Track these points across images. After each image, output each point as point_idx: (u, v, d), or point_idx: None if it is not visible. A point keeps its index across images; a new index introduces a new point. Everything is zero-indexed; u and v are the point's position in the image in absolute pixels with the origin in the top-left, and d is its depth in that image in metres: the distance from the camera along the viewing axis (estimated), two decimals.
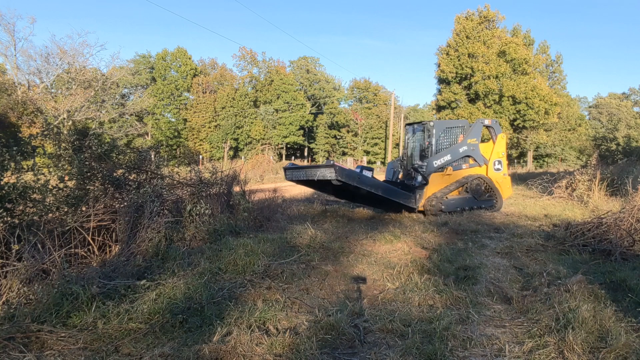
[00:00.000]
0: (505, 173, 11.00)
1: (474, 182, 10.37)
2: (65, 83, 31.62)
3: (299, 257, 5.95)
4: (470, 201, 10.24)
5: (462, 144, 10.33)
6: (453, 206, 9.94)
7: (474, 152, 10.47)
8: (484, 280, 5.03)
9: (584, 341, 3.33)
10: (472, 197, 10.26)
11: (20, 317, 3.58)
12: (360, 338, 3.58)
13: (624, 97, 61.75)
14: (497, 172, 10.82)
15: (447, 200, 9.91)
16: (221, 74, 52.03)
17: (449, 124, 10.94)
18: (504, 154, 11.04)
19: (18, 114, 27.23)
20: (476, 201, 10.31)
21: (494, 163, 10.77)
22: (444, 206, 9.77)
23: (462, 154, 10.32)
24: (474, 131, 10.56)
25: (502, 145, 10.99)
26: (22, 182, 5.24)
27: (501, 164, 10.88)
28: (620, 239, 6.19)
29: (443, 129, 10.53)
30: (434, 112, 41.88)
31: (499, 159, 10.88)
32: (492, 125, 11.04)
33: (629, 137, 47.97)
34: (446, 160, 10.10)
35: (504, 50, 35.69)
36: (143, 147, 18.88)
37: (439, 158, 10.04)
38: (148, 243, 5.51)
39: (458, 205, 10.02)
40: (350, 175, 8.41)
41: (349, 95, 61.03)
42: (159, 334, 3.57)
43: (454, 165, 10.23)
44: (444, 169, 10.06)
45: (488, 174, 10.65)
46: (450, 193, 10.05)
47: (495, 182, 10.64)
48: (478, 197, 10.36)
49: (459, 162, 10.36)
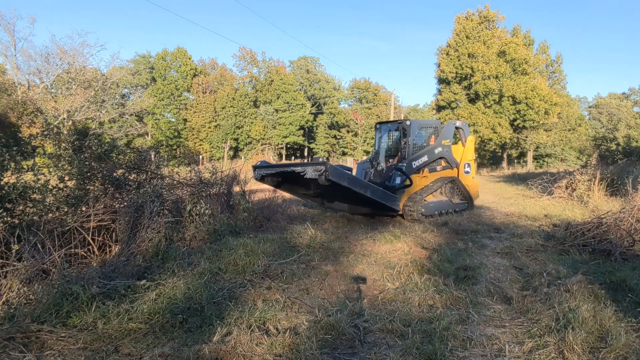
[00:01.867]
0: (474, 176, 10.77)
1: (449, 185, 10.14)
2: (65, 83, 31.63)
3: (299, 257, 5.95)
4: (446, 204, 9.94)
5: (437, 145, 9.98)
6: (432, 209, 9.54)
7: (447, 154, 10.17)
8: (484, 280, 5.03)
9: (584, 341, 3.33)
10: (448, 200, 10.00)
11: (20, 317, 3.58)
12: (360, 338, 3.58)
13: (624, 97, 61.78)
14: (467, 175, 10.58)
15: (427, 204, 9.50)
16: (221, 74, 52.05)
17: (423, 124, 10.46)
18: (474, 156, 10.82)
19: (18, 114, 27.23)
20: (451, 204, 10.03)
21: (464, 166, 10.51)
22: (424, 209, 9.33)
23: (437, 156, 9.97)
24: (446, 132, 10.22)
25: (471, 147, 10.76)
26: (22, 182, 5.24)
27: (470, 167, 10.67)
28: (620, 239, 6.19)
29: (419, 128, 10.11)
30: (434, 112, 41.92)
31: (469, 162, 10.64)
32: (462, 127, 10.75)
33: (629, 137, 47.91)
34: (424, 161, 9.73)
35: (504, 50, 35.72)
36: (143, 147, 18.89)
37: (417, 159, 9.64)
38: (148, 243, 5.51)
39: (437, 209, 9.64)
40: (341, 175, 7.71)
41: (349, 95, 61.07)
42: (159, 334, 3.57)
43: (429, 166, 9.89)
44: (421, 170, 9.71)
45: (459, 177, 10.42)
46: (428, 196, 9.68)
47: (466, 185, 10.45)
48: (453, 200, 10.12)
49: (433, 164, 10.02)
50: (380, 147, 10.69)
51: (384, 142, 10.65)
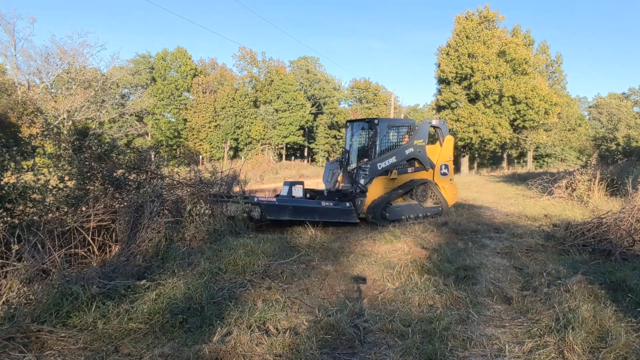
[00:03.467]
0: (452, 178, 10.25)
1: (420, 188, 9.52)
2: (65, 83, 31.62)
3: (299, 257, 5.96)
4: (416, 208, 9.35)
5: (408, 145, 9.41)
6: (398, 214, 9.01)
7: (421, 155, 9.60)
8: (484, 280, 5.03)
9: (584, 341, 3.33)
10: (418, 204, 9.43)
11: (20, 317, 3.58)
12: (360, 338, 3.58)
13: (624, 97, 61.76)
14: (444, 176, 10.03)
15: (392, 208, 9.00)
16: (221, 74, 52.02)
17: (395, 123, 9.91)
18: (451, 157, 10.23)
19: (18, 114, 27.23)
20: (422, 208, 9.44)
21: (440, 167, 9.94)
22: (388, 214, 8.84)
23: (407, 156, 9.45)
24: (421, 132, 9.66)
25: (449, 148, 10.20)
26: (22, 182, 5.24)
27: (448, 168, 10.11)
28: (620, 239, 6.19)
29: (388, 127, 9.53)
30: (434, 112, 41.90)
31: (446, 163, 10.07)
32: (440, 126, 10.19)
33: (629, 137, 47.96)
34: (391, 162, 9.15)
35: (504, 50, 35.72)
36: (143, 147, 18.90)
37: (384, 160, 9.07)
38: (148, 243, 5.51)
39: (403, 213, 9.10)
40: (280, 210, 7.56)
41: (349, 96, 61.06)
42: (159, 334, 3.57)
43: (399, 168, 9.33)
44: (388, 172, 9.13)
45: (434, 179, 9.86)
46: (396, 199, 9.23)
47: (442, 188, 9.90)
48: (424, 203, 9.54)
49: (404, 165, 9.48)
50: (352, 146, 10.07)
51: (356, 141, 10.06)
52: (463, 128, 36.36)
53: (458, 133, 36.73)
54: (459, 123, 36.53)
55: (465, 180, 24.88)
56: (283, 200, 8.22)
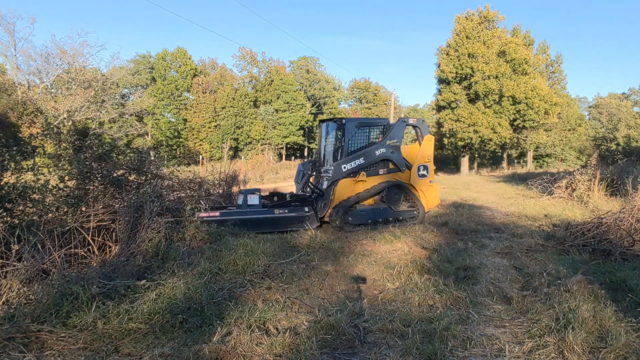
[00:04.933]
0: (432, 180, 9.59)
1: (392, 190, 9.06)
2: (65, 83, 31.61)
3: (299, 257, 5.96)
4: (384, 212, 8.90)
5: (380, 146, 8.92)
6: (363, 218, 8.61)
7: (394, 156, 9.04)
8: (484, 280, 5.03)
9: (584, 341, 3.33)
10: (387, 207, 8.97)
11: (20, 317, 3.58)
12: (360, 338, 3.58)
13: (624, 97, 61.76)
14: (422, 178, 9.40)
15: (356, 211, 8.59)
16: (221, 74, 52.02)
17: (366, 122, 9.45)
18: (431, 157, 9.58)
19: (18, 114, 27.22)
20: (392, 212, 8.97)
21: (418, 168, 9.33)
22: (350, 217, 8.45)
23: (378, 157, 8.92)
24: (395, 131, 9.11)
25: (428, 148, 9.57)
26: (22, 182, 5.24)
27: (427, 170, 9.46)
28: (620, 239, 6.19)
29: (358, 127, 9.04)
30: (434, 112, 41.92)
31: (425, 164, 9.44)
32: (418, 125, 9.57)
33: (629, 137, 47.93)
34: (358, 164, 8.66)
35: (504, 50, 35.73)
36: (143, 147, 18.87)
37: (350, 161, 8.60)
38: (148, 243, 5.51)
39: (369, 217, 8.68)
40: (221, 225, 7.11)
41: (349, 96, 61.09)
42: (159, 334, 3.57)
43: (368, 170, 8.83)
44: (356, 173, 8.64)
45: (410, 181, 9.27)
46: (363, 202, 8.82)
47: (419, 191, 9.34)
48: (395, 207, 9.07)
49: (375, 166, 8.97)
50: (325, 146, 9.60)
51: (329, 141, 9.54)
52: (463, 128, 36.36)
53: (458, 133, 36.75)
54: (459, 123, 36.54)
55: (465, 180, 24.88)
56: (227, 213, 7.76)
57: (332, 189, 8.47)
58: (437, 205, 9.98)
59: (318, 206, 8.45)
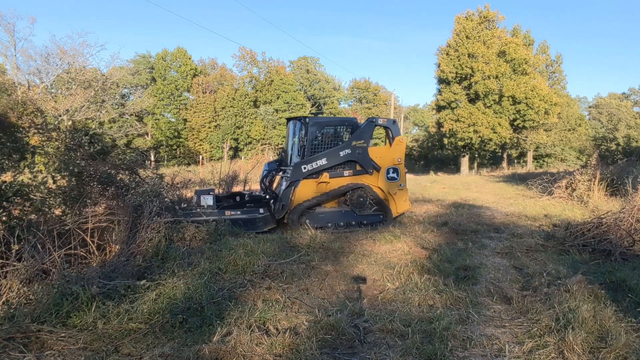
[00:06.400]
0: (403, 183, 9.09)
1: (356, 193, 8.61)
2: (65, 83, 31.61)
3: (299, 257, 5.96)
4: (347, 215, 8.57)
5: (345, 147, 8.53)
6: (322, 220, 8.33)
7: (361, 157, 8.59)
8: (484, 280, 5.03)
9: (584, 341, 3.33)
10: (351, 210, 8.61)
11: (20, 317, 3.58)
12: (360, 338, 3.58)
13: (624, 97, 61.73)
14: (392, 181, 8.91)
15: (315, 214, 8.35)
16: (221, 74, 52.01)
17: (331, 122, 9.13)
18: (402, 160, 9.07)
19: (18, 114, 27.20)
20: (356, 216, 8.60)
21: (387, 171, 8.87)
22: (309, 220, 8.16)
23: (343, 159, 8.51)
24: (362, 132, 8.68)
25: (399, 149, 9.03)
26: (19, 181, 5.23)
27: (397, 173, 8.96)
28: (620, 239, 6.19)
29: (322, 126, 8.75)
30: (434, 112, 41.91)
31: (395, 166, 8.93)
32: (389, 125, 9.10)
33: (629, 137, 47.96)
34: (320, 165, 8.31)
35: (504, 50, 35.73)
36: (143, 147, 18.83)
37: (311, 162, 8.28)
38: (148, 243, 5.51)
39: (330, 220, 8.40)
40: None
41: (349, 95, 61.09)
42: (159, 334, 3.57)
43: (332, 171, 8.48)
44: (318, 174, 8.34)
45: (379, 184, 8.80)
46: (325, 204, 8.60)
47: (387, 194, 8.88)
48: (360, 210, 8.65)
49: (339, 167, 8.59)
50: (292, 145, 9.25)
51: (296, 141, 9.16)
52: (463, 128, 36.36)
53: (458, 133, 36.75)
54: (459, 123, 36.54)
55: (465, 180, 24.88)
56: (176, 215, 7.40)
57: (291, 190, 8.22)
58: (408, 210, 9.48)
59: (275, 207, 8.23)
